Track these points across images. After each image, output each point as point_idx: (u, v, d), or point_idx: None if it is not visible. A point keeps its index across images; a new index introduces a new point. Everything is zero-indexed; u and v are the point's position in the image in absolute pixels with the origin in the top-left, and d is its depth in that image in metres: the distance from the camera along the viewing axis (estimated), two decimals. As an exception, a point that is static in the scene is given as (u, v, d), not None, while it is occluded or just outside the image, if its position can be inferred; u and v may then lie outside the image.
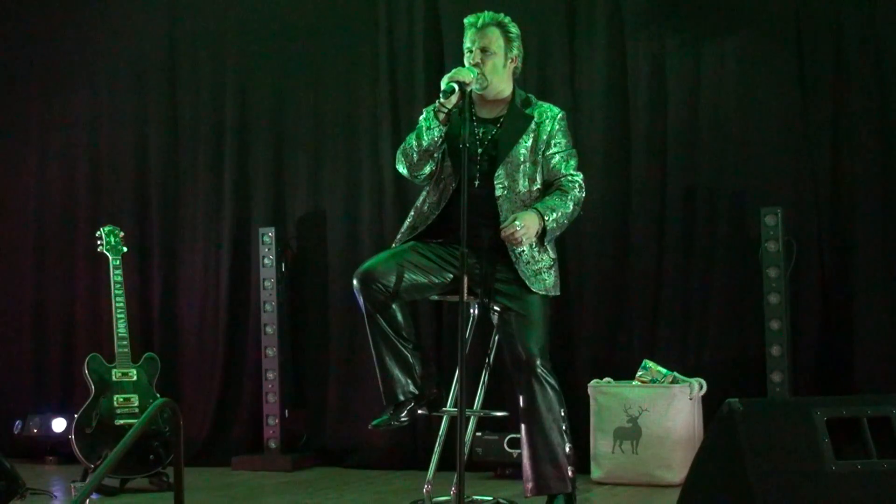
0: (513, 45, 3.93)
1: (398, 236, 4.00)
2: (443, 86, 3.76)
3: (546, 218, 3.76)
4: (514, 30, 3.94)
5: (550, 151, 3.90)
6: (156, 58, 6.43)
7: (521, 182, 3.85)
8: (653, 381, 5.01)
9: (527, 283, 3.80)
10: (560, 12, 5.58)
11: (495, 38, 3.89)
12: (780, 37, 5.23)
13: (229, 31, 6.31)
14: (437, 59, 5.70)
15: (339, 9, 6.11)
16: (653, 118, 5.43)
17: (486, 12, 3.93)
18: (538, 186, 3.90)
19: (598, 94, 5.51)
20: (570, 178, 3.89)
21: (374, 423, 3.87)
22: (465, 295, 3.95)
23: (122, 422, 5.11)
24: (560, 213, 3.80)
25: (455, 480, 3.65)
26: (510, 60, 3.93)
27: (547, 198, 3.84)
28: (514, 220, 3.70)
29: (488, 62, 3.88)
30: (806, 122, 5.19)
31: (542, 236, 3.78)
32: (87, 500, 4.74)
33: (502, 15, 3.94)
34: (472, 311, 4.07)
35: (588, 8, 5.57)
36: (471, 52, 3.90)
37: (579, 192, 3.89)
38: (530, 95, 4.02)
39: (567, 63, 5.56)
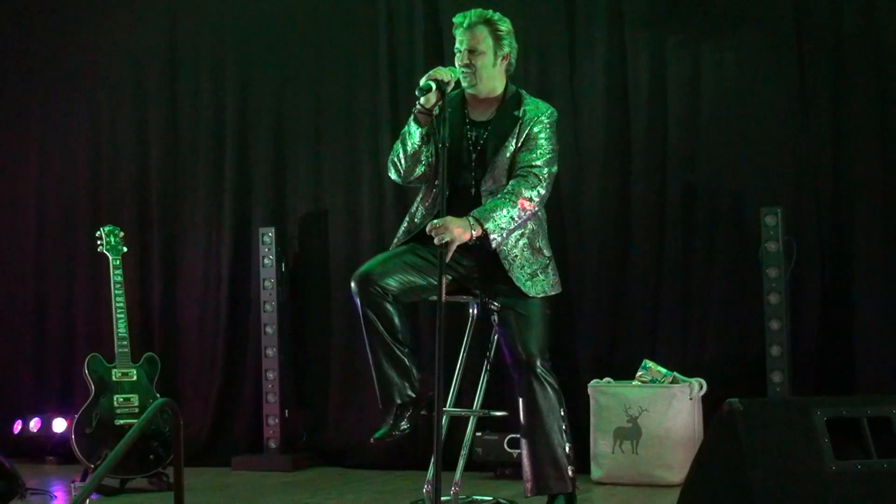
0: (503, 42, 3.85)
1: (395, 240, 4.01)
2: (420, 84, 3.74)
3: (483, 223, 3.66)
4: (503, 26, 3.86)
5: (525, 148, 3.81)
6: (156, 58, 6.43)
7: (504, 184, 3.81)
8: (653, 381, 5.01)
9: (523, 289, 3.78)
10: (560, 12, 5.58)
11: (483, 37, 3.82)
12: (780, 37, 5.23)
13: (229, 31, 6.31)
14: (437, 59, 5.69)
15: (339, 9, 6.11)
16: (653, 118, 5.43)
17: (473, 10, 3.86)
18: None
19: (598, 94, 5.51)
20: (526, 169, 3.77)
21: (375, 436, 3.84)
22: (464, 295, 3.99)
23: (122, 422, 5.11)
24: (502, 215, 3.69)
25: (431, 475, 3.66)
26: (501, 58, 3.86)
27: (489, 202, 3.76)
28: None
29: (477, 62, 3.82)
30: (806, 122, 5.19)
31: (485, 239, 3.69)
32: (87, 500, 4.74)
33: (491, 12, 3.87)
34: (471, 311, 4.07)
35: (588, 8, 5.56)
36: (459, 52, 3.85)
37: (529, 189, 3.74)
38: (521, 91, 3.95)
39: (567, 63, 5.56)
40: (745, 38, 5.30)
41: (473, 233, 3.66)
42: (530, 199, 3.75)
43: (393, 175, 3.97)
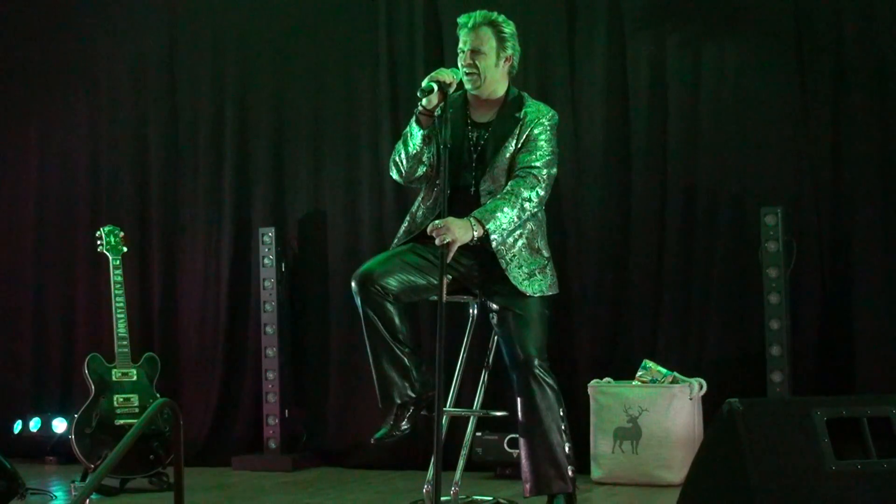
0: (506, 44, 3.86)
1: (395, 240, 4.01)
2: (423, 85, 3.74)
3: (485, 224, 3.67)
4: (507, 29, 3.87)
5: (524, 150, 3.82)
6: (156, 58, 6.44)
7: (503, 185, 3.82)
8: (653, 381, 5.01)
9: (520, 288, 3.78)
10: (560, 12, 5.58)
11: (487, 39, 3.83)
12: (780, 37, 5.23)
13: (229, 31, 6.31)
14: (437, 59, 5.69)
15: (339, 9, 6.11)
16: (653, 118, 5.43)
17: (478, 11, 3.87)
18: None
19: (598, 94, 5.51)
20: (525, 169, 3.78)
21: (376, 436, 3.86)
22: (464, 295, 3.99)
23: (122, 422, 5.11)
24: (504, 215, 3.70)
25: (431, 475, 3.65)
26: (504, 60, 3.86)
27: (489, 202, 3.77)
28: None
29: (480, 63, 3.83)
30: (806, 122, 5.18)
31: (487, 240, 3.71)
32: (87, 500, 4.74)
33: (495, 14, 3.88)
34: (471, 311, 4.08)
35: (588, 8, 5.57)
36: (463, 52, 3.86)
37: (528, 190, 3.75)
38: (523, 94, 3.96)
39: (567, 63, 5.56)
40: (745, 38, 5.30)
41: (475, 233, 3.67)
42: (529, 200, 3.75)
43: (395, 175, 3.98)
